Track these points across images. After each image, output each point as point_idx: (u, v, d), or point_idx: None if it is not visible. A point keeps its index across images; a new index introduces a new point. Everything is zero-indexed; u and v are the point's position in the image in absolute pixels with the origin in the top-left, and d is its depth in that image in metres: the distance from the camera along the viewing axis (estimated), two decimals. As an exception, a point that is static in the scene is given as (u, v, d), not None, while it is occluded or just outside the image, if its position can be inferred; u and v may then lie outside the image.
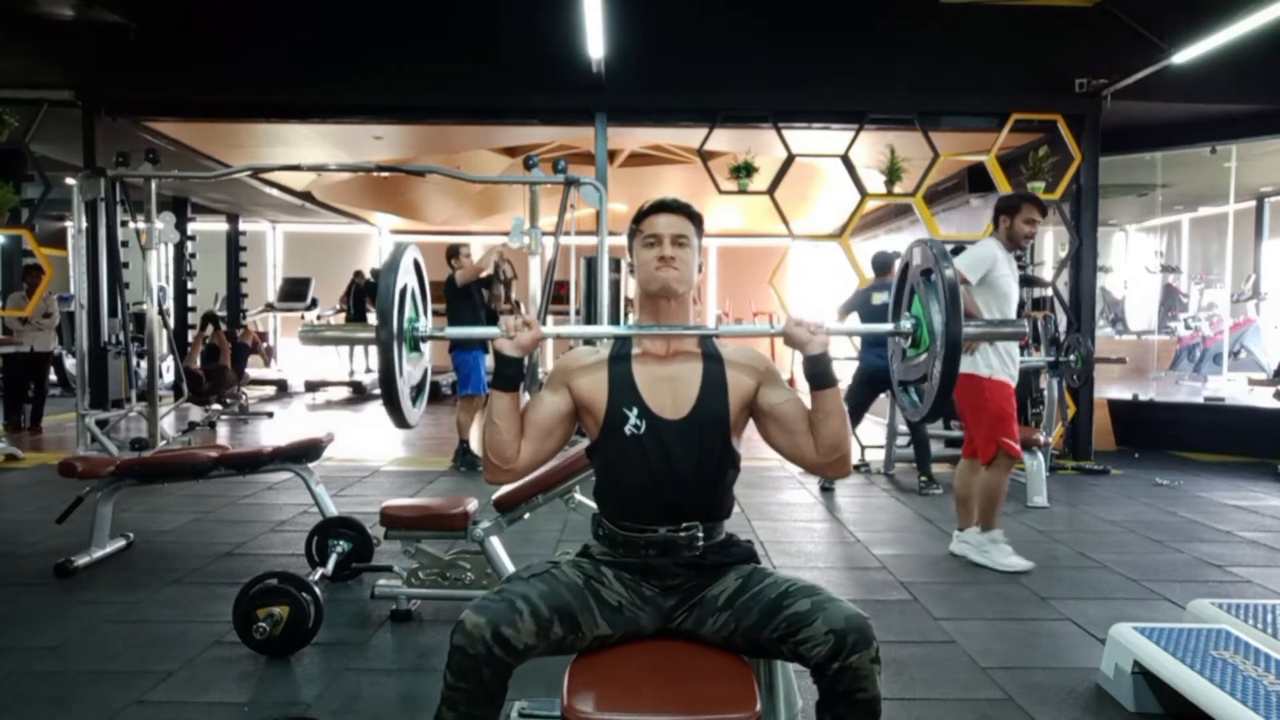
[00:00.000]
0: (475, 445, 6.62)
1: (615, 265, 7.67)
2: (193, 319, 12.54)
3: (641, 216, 2.03)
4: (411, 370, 2.11)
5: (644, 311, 2.03)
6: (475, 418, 6.59)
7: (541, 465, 2.05)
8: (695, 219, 2.02)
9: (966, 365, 4.08)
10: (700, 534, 1.91)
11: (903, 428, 6.35)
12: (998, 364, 4.07)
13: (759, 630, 1.79)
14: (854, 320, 6.27)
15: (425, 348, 2.19)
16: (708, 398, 1.94)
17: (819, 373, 1.94)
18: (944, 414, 2.02)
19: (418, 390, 2.20)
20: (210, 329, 10.32)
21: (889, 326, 2.21)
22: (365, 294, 13.05)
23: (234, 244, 14.17)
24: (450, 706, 1.69)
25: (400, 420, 2.04)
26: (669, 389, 1.94)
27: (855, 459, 6.70)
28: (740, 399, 1.97)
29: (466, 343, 6.52)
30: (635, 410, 1.91)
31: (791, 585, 1.82)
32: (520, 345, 1.96)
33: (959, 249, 6.82)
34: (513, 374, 1.95)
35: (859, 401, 6.25)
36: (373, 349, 13.55)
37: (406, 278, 2.03)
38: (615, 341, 2.02)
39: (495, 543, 3.35)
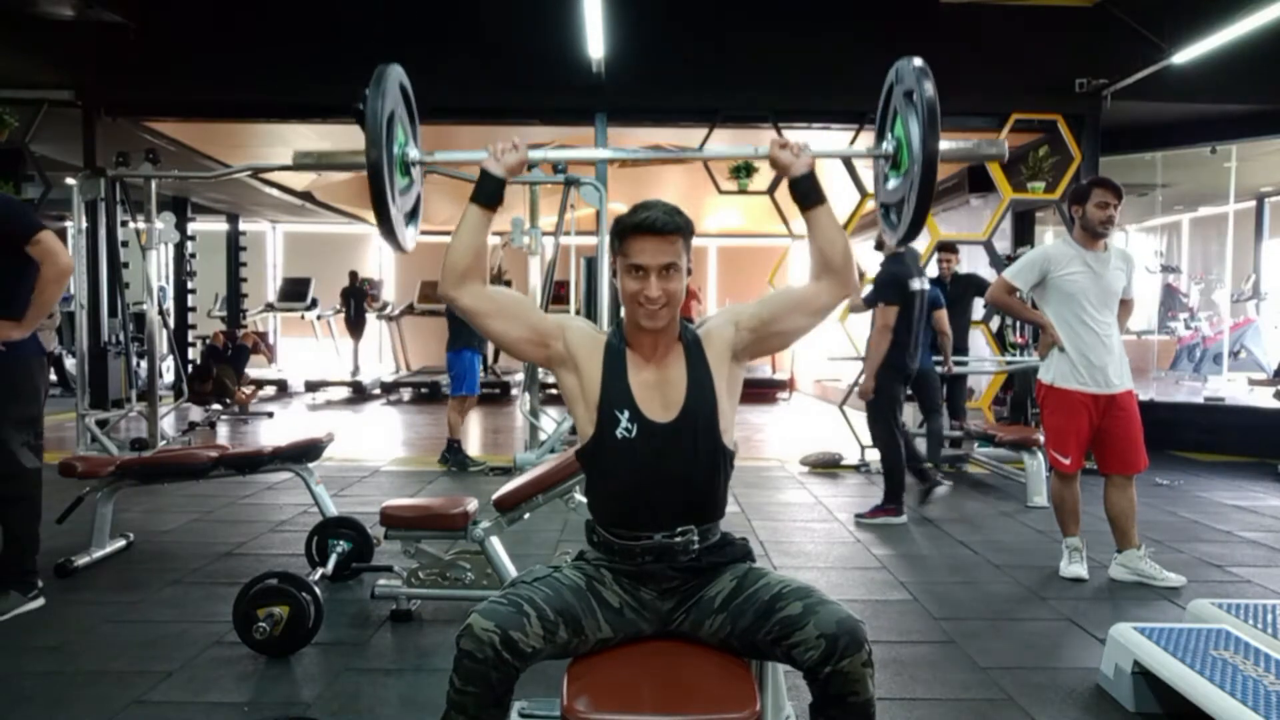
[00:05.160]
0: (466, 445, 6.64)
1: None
2: (193, 319, 12.55)
3: (625, 233, 1.88)
4: (404, 197, 2.08)
5: (631, 332, 1.96)
6: (467, 418, 6.65)
7: (481, 314, 1.95)
8: (685, 232, 1.88)
9: (1040, 373, 4.00)
10: (695, 537, 1.90)
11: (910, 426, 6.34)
12: (1065, 369, 3.85)
13: (754, 633, 1.79)
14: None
15: (416, 174, 2.16)
16: (695, 393, 1.92)
17: (808, 190, 1.94)
18: (919, 229, 1.98)
19: (410, 216, 2.18)
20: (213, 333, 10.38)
21: (863, 149, 2.21)
22: (362, 293, 13.07)
23: (234, 244, 14.17)
24: (459, 711, 1.69)
25: (395, 241, 2.04)
26: (658, 392, 1.92)
27: (855, 459, 6.78)
28: (726, 360, 1.96)
29: (463, 343, 6.60)
30: (626, 413, 1.89)
31: (785, 587, 1.81)
32: (506, 165, 1.96)
33: (948, 246, 6.88)
34: (492, 190, 1.95)
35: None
36: (369, 338, 13.60)
37: (393, 102, 1.99)
38: (611, 333, 1.99)
39: (495, 543, 3.35)
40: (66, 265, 3.27)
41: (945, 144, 1.94)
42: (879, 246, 5.19)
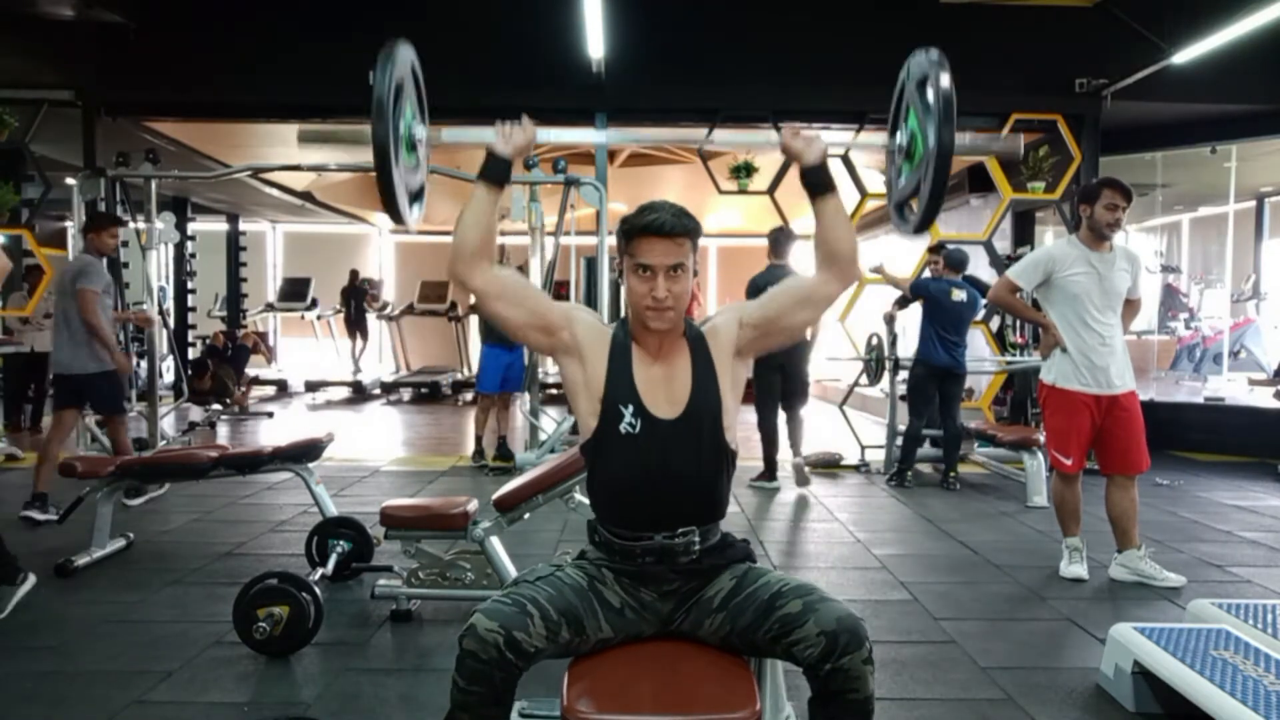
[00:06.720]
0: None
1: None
2: (193, 319, 12.55)
3: (632, 233, 1.89)
4: (409, 176, 2.06)
5: (636, 331, 1.97)
6: (489, 416, 6.87)
7: (488, 296, 1.95)
8: (693, 233, 1.89)
9: (1042, 373, 4.00)
10: (696, 539, 1.89)
11: (902, 426, 6.34)
12: (1068, 370, 3.84)
13: (753, 631, 1.79)
14: (916, 306, 6.24)
15: (421, 154, 2.12)
16: (700, 390, 1.92)
17: (819, 180, 1.95)
18: (933, 218, 1.96)
19: (415, 195, 2.16)
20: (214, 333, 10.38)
21: (882, 139, 2.17)
22: (362, 292, 13.08)
23: (234, 244, 14.17)
24: (463, 710, 1.70)
25: (397, 216, 2.03)
26: (663, 388, 1.92)
27: (855, 459, 6.78)
28: (729, 357, 1.96)
29: (483, 338, 6.83)
30: (630, 408, 1.89)
31: (784, 585, 1.81)
32: (514, 145, 1.96)
33: (934, 248, 6.89)
34: (499, 170, 1.96)
35: (925, 399, 6.13)
36: (370, 338, 13.63)
37: (402, 76, 1.95)
38: (616, 327, 2.00)
39: (495, 543, 3.35)
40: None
41: (960, 137, 1.93)
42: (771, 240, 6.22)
